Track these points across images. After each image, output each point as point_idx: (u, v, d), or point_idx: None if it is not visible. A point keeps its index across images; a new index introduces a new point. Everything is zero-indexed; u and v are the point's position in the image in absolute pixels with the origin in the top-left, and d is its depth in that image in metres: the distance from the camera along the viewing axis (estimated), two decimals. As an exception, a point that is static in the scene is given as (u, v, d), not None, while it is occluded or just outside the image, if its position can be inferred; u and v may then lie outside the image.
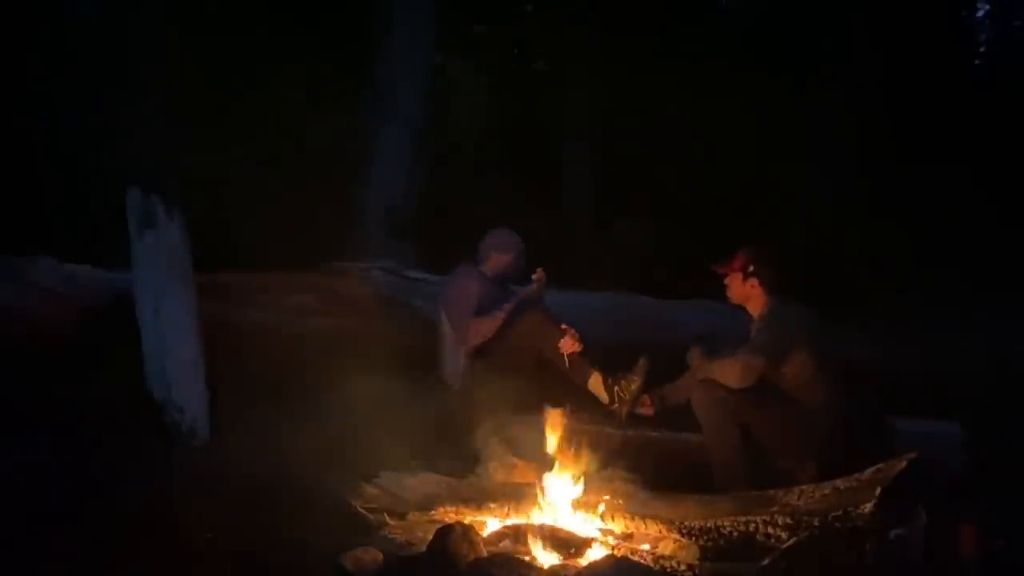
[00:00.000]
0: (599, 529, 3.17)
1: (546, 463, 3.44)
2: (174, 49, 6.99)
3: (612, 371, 4.14)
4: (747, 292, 3.84)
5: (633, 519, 3.19)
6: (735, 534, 3.00)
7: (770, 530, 2.94)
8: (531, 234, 4.68)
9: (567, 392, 4.06)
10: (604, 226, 8.19)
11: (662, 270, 6.62)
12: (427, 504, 3.38)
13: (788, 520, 2.93)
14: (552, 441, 3.49)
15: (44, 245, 4.69)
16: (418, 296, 5.37)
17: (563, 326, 4.23)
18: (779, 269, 3.84)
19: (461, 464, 3.79)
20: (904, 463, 2.91)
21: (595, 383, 4.16)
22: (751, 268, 3.81)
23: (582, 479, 3.31)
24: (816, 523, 2.88)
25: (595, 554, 2.89)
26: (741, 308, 3.94)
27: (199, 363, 3.99)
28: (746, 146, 8.46)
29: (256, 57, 7.55)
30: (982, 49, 10.82)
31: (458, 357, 4.36)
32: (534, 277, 4.29)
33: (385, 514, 3.30)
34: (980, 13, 10.67)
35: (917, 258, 7.47)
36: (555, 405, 3.61)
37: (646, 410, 4.08)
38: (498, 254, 4.48)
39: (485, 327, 4.21)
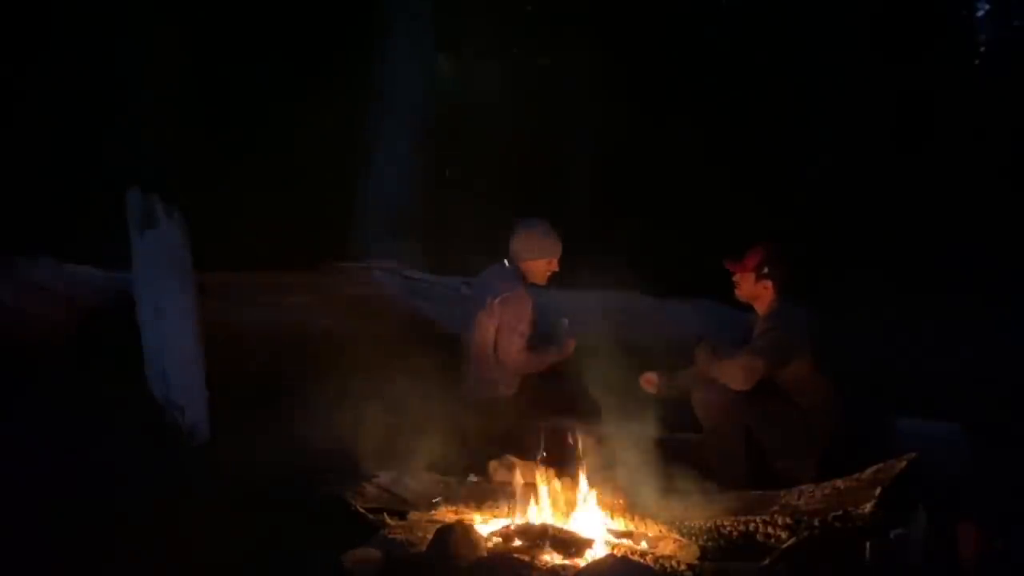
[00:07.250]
0: (599, 529, 3.17)
1: (547, 462, 3.43)
2: (174, 50, 7.03)
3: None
4: (758, 291, 3.76)
5: (633, 519, 3.19)
6: (735, 534, 3.00)
7: (770, 530, 2.94)
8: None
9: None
10: (604, 225, 8.19)
11: (662, 270, 6.62)
12: (427, 504, 3.38)
13: (788, 520, 2.93)
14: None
15: (44, 245, 4.68)
16: (418, 296, 5.36)
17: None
18: (793, 270, 3.75)
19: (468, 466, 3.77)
20: (904, 463, 2.92)
21: None
22: (766, 269, 3.72)
23: (582, 479, 3.31)
24: (816, 523, 2.88)
25: (595, 554, 2.89)
26: (747, 306, 3.90)
27: (199, 363, 3.97)
28: (745, 145, 8.46)
29: (256, 57, 7.57)
30: (982, 49, 10.83)
31: (506, 369, 4.24)
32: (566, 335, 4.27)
33: (385, 514, 3.30)
34: (980, 13, 10.70)
35: (919, 257, 7.48)
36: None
37: (652, 388, 4.00)
38: (532, 260, 4.24)
39: (532, 365, 4.22)
